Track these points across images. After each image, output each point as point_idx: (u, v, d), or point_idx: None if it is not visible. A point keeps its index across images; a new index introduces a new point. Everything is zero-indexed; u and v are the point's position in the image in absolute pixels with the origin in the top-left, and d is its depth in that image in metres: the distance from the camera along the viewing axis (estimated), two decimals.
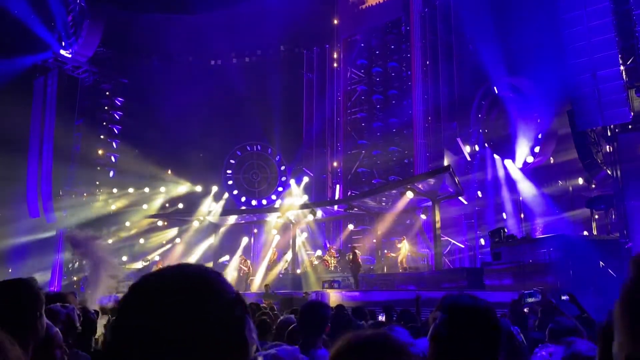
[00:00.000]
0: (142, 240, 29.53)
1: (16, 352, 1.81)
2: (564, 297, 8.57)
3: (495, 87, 23.34)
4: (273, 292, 17.98)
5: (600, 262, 13.35)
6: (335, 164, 30.11)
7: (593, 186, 18.92)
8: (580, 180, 20.03)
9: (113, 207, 29.56)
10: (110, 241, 29.04)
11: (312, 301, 3.61)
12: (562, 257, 13.72)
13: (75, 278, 28.91)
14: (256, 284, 24.56)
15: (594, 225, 18.09)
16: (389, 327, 2.74)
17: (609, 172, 17.24)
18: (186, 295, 0.89)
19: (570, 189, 21.03)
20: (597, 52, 16.18)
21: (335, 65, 30.88)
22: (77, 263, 29.21)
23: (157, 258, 27.67)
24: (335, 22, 30.67)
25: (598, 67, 16.16)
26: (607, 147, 17.50)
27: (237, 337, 0.91)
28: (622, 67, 16.15)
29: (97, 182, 30.12)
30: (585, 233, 18.55)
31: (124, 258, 28.62)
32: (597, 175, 17.96)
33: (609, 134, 17.29)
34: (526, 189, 21.68)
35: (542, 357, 2.94)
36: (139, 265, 27.27)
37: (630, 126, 16.69)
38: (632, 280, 0.84)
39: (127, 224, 29.44)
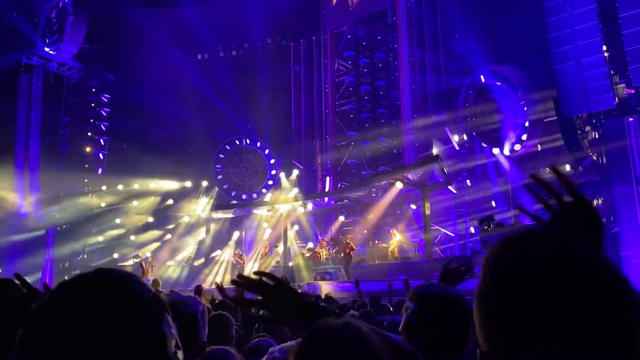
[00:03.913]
0: (132, 238, 29.39)
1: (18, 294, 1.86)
2: None
3: (481, 76, 23.43)
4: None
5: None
6: (324, 156, 30.12)
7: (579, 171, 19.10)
8: (567, 167, 20.20)
9: (102, 205, 29.38)
10: (100, 239, 28.93)
11: None
12: None
13: (66, 277, 28.78)
14: None
15: None
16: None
17: (595, 158, 17.44)
18: (104, 300, 0.94)
19: None
20: (581, 40, 16.32)
21: (322, 57, 30.82)
22: (68, 263, 29.12)
23: (148, 254, 27.57)
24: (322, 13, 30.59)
25: (582, 55, 16.31)
26: (593, 133, 17.69)
27: (156, 333, 0.96)
28: (605, 54, 16.30)
29: (86, 180, 29.86)
30: None
31: (115, 255, 28.50)
32: (584, 162, 18.16)
33: (594, 120, 17.47)
34: (514, 176, 21.84)
35: None
36: (130, 262, 27.17)
37: (615, 112, 16.87)
38: (485, 280, 0.82)
39: (117, 221, 29.30)
